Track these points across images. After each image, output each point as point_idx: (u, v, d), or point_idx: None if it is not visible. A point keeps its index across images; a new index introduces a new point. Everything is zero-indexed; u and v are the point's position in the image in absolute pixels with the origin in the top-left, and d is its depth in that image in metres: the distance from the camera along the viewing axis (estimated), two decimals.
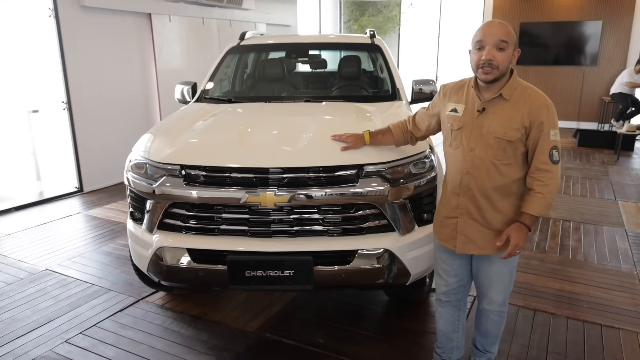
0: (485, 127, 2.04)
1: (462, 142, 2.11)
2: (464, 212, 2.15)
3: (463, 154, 2.10)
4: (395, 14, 11.40)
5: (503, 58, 1.93)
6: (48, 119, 5.69)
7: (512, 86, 2.02)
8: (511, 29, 1.95)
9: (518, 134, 1.99)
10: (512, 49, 1.95)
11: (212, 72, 3.92)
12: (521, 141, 2.01)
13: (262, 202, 2.36)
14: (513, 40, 1.95)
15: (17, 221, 4.98)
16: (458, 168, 2.14)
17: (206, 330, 2.99)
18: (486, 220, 2.12)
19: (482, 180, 2.07)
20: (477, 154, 2.06)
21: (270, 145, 2.53)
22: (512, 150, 2.02)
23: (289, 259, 2.40)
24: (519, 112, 1.99)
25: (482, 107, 2.05)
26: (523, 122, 1.99)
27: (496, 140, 2.01)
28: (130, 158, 2.73)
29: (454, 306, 2.41)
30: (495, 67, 1.93)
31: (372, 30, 4.23)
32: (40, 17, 5.43)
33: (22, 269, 3.85)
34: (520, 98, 2.01)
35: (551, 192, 1.99)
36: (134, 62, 6.55)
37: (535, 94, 2.03)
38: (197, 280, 2.52)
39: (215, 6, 7.60)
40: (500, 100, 2.03)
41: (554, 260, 3.99)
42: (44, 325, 3.05)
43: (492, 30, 1.93)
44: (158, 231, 2.58)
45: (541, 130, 1.98)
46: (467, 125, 2.09)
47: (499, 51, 1.92)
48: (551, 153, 1.98)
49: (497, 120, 2.02)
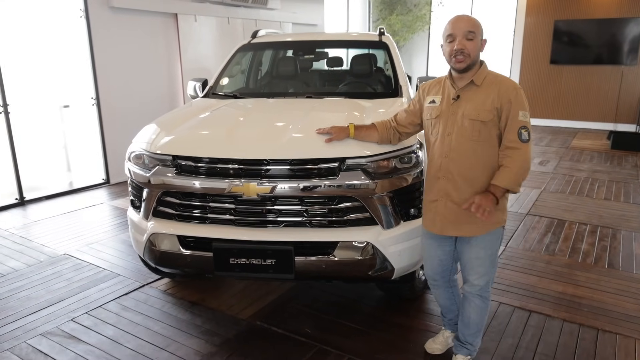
0: (459, 113, 2.21)
1: (440, 128, 2.28)
2: (443, 195, 2.28)
3: (441, 139, 2.26)
4: (424, 12, 11.28)
5: (473, 46, 2.14)
6: (78, 114, 6.00)
7: (482, 74, 2.21)
8: (477, 21, 2.17)
9: (490, 115, 2.15)
10: (479, 38, 2.16)
11: (221, 69, 4.05)
12: (494, 123, 2.16)
13: (245, 193, 2.45)
14: (480, 30, 2.16)
15: (46, 209, 5.29)
16: (437, 153, 2.29)
17: (201, 315, 3.11)
18: (464, 201, 2.21)
19: (460, 161, 2.22)
20: (455, 138, 2.22)
21: (256, 138, 2.62)
22: (487, 131, 2.17)
23: (270, 248, 2.49)
24: (489, 95, 2.16)
25: (457, 94, 2.23)
26: (494, 104, 2.15)
27: (470, 123, 2.17)
28: (130, 149, 2.88)
29: (445, 287, 2.55)
30: (467, 55, 2.13)
31: (382, 28, 4.26)
32: (72, 18, 5.74)
33: (44, 253, 4.10)
34: (490, 83, 2.19)
35: (519, 167, 2.11)
36: (160, 60, 6.81)
37: (505, 80, 2.21)
38: (186, 265, 2.65)
39: (240, 6, 7.78)
40: (472, 86, 2.21)
41: (562, 263, 3.90)
42: (55, 305, 3.25)
43: (460, 24, 2.14)
44: (153, 218, 2.72)
45: (510, 111, 2.13)
46: (444, 113, 2.26)
47: (468, 41, 2.13)
48: (519, 132, 2.12)
49: (470, 104, 2.19)
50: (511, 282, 3.56)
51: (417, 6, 11.47)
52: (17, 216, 5.07)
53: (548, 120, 10.67)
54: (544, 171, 6.88)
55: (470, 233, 2.27)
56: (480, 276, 2.33)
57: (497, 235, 2.31)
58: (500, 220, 2.28)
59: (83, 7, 5.77)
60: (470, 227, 2.26)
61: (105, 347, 2.78)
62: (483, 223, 2.23)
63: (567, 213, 5.10)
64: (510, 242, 4.31)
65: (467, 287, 2.39)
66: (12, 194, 5.38)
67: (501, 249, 4.14)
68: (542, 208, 5.27)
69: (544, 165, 7.20)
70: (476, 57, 2.15)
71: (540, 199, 5.58)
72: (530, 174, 6.60)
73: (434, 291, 2.61)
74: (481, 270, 2.32)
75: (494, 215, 2.20)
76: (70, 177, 6.09)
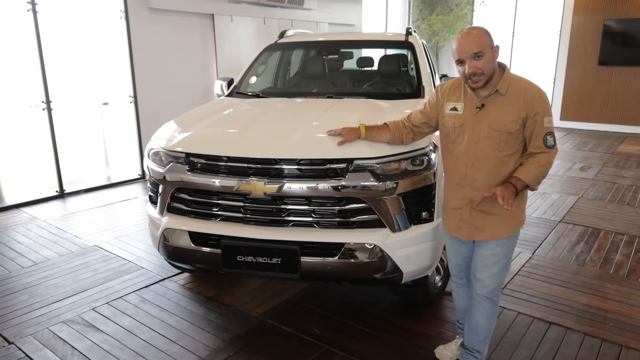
0: (485, 122, 2.17)
1: (465, 137, 2.23)
2: (468, 203, 2.27)
3: (467, 148, 2.23)
4: (466, 12, 11.02)
5: (484, 64, 2.08)
6: (117, 111, 6.25)
7: (506, 81, 2.15)
8: (482, 35, 2.10)
9: (516, 125, 2.12)
10: (489, 52, 2.09)
11: (247, 68, 4.11)
12: (520, 131, 2.15)
13: (253, 191, 2.48)
14: (487, 44, 2.09)
15: (83, 202, 5.54)
16: (462, 161, 2.25)
17: (215, 311, 3.17)
18: (488, 207, 2.23)
19: (486, 171, 2.20)
20: (480, 147, 2.19)
21: (266, 138, 2.64)
22: (513, 140, 2.16)
23: (277, 247, 2.50)
24: (515, 104, 2.12)
25: (481, 103, 2.18)
26: (520, 114, 2.12)
27: (497, 133, 2.15)
28: (149, 146, 2.97)
29: (468, 286, 2.51)
30: (480, 74, 2.09)
31: (409, 28, 4.20)
32: (112, 18, 5.97)
33: (75, 244, 4.30)
34: (515, 91, 2.14)
35: (541, 166, 2.12)
36: (196, 60, 6.98)
37: (529, 86, 2.15)
38: (196, 261, 2.71)
39: (276, 6, 7.87)
40: (497, 95, 2.16)
41: (591, 273, 3.73)
42: (79, 294, 3.40)
43: (465, 47, 2.08)
44: (167, 214, 2.80)
45: (536, 120, 2.11)
46: (469, 122, 2.22)
47: (477, 60, 2.07)
48: (545, 139, 2.12)
49: (496, 114, 2.15)
50: (533, 291, 3.43)
51: (459, 5, 11.23)
52: (57, 208, 5.33)
53: (594, 125, 10.20)
54: (583, 177, 6.58)
55: (498, 235, 2.25)
56: (493, 276, 2.29)
57: (516, 233, 2.30)
58: (522, 219, 2.29)
59: (123, 8, 5.99)
60: (498, 229, 2.25)
61: (120, 337, 2.88)
62: (509, 224, 2.24)
63: (604, 222, 4.86)
64: (538, 250, 4.15)
65: (478, 288, 2.34)
66: (53, 186, 5.67)
67: (526, 257, 3.99)
68: (577, 216, 5.04)
69: (584, 172, 6.89)
70: (491, 71, 2.10)
71: (576, 206, 5.34)
72: (568, 180, 6.38)
73: (455, 291, 2.57)
74: (495, 269, 2.29)
75: (516, 208, 2.21)
76: (108, 172, 6.34)
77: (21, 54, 5.20)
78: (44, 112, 5.45)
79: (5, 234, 4.51)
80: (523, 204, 2.30)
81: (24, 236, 4.46)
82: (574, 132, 10.09)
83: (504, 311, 3.16)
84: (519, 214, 2.27)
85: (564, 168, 7.10)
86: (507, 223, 2.24)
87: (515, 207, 2.19)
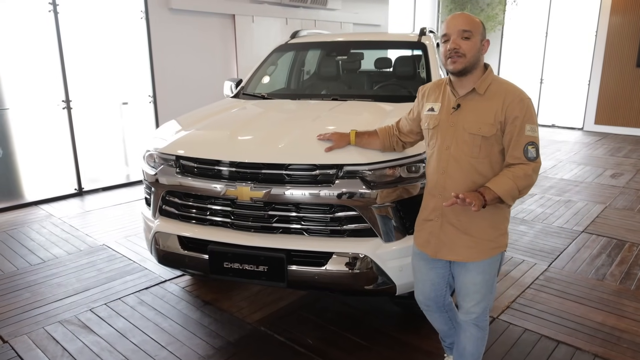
0: (460, 124, 1.98)
1: (438, 140, 2.05)
2: (439, 215, 2.06)
3: (439, 153, 2.04)
4: (497, 12, 10.68)
5: (469, 46, 1.90)
6: (136, 111, 6.32)
7: (486, 81, 1.97)
8: (476, 19, 1.94)
9: (493, 129, 1.92)
10: (478, 38, 1.92)
11: (255, 69, 4.06)
12: (496, 138, 1.93)
13: (239, 196, 2.42)
14: (479, 30, 1.92)
15: (100, 200, 5.63)
16: (434, 167, 2.07)
17: (210, 316, 3.13)
18: (462, 223, 2.02)
19: (458, 179, 1.99)
20: (453, 152, 1.99)
21: (255, 141, 2.58)
22: (488, 147, 1.94)
23: (263, 254, 2.43)
24: (493, 107, 1.92)
25: (457, 103, 2.00)
26: (497, 117, 1.91)
27: (471, 137, 1.95)
28: (145, 148, 2.95)
29: (439, 312, 2.32)
30: (462, 55, 1.90)
31: (424, 28, 4.06)
32: (133, 19, 6.05)
33: (85, 242, 4.35)
34: (494, 93, 1.95)
35: (517, 177, 1.86)
36: (216, 60, 7.00)
37: (511, 88, 1.95)
38: (185, 266, 2.67)
39: (299, 7, 7.81)
40: (474, 95, 1.97)
41: (610, 289, 3.50)
42: (80, 293, 3.42)
43: (455, 22, 1.92)
44: (159, 217, 2.77)
45: (515, 125, 1.89)
46: (443, 123, 2.04)
47: (463, 40, 1.90)
48: (526, 149, 1.88)
49: (471, 116, 1.96)
50: (544, 306, 3.24)
51: (490, 5, 10.90)
52: (74, 205, 5.43)
53: (631, 129, 9.71)
54: (613, 185, 6.25)
55: (468, 258, 2.03)
56: (477, 303, 2.10)
57: (496, 259, 2.08)
58: (501, 245, 2.05)
59: (144, 8, 6.06)
60: (469, 251, 2.03)
61: (112, 340, 2.87)
62: (481, 248, 2.01)
63: (631, 233, 4.58)
64: (555, 262, 3.93)
65: (463, 315, 2.16)
66: (72, 184, 5.78)
67: (541, 269, 3.79)
68: (602, 226, 4.77)
69: (615, 179, 6.54)
70: (473, 59, 1.91)
71: (602, 216, 5.06)
72: (597, 187, 6.06)
73: (428, 316, 2.37)
74: (477, 296, 2.09)
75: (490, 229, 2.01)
76: (128, 171, 6.43)
77: (42, 54, 5.32)
78: (64, 111, 5.56)
79: (20, 231, 4.61)
80: (501, 225, 2.03)
81: (38, 233, 4.55)
82: (608, 136, 9.64)
83: (509, 327, 3.00)
84: (495, 237, 2.02)
85: (594, 175, 6.76)
86: (480, 246, 2.00)
87: (489, 227, 1.98)
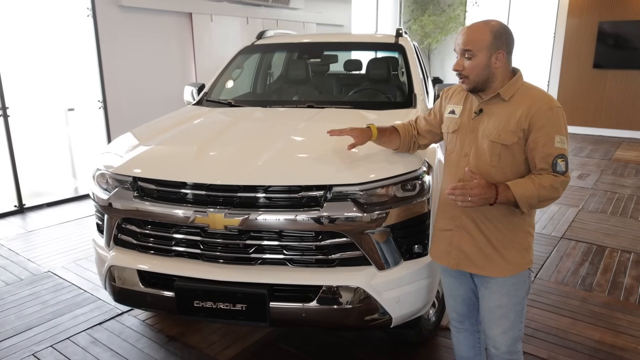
0: (480, 130, 1.83)
1: (457, 146, 1.91)
2: (459, 225, 1.90)
3: (457, 160, 1.90)
4: (459, 13, 10.69)
5: (471, 67, 1.75)
6: (84, 118, 5.77)
7: (513, 86, 1.79)
8: (482, 33, 1.72)
9: (514, 137, 1.74)
10: (484, 55, 1.73)
11: (219, 73, 3.69)
12: (519, 146, 1.76)
13: (211, 224, 2.06)
14: (483, 45, 1.73)
15: (44, 218, 5.07)
16: (452, 174, 1.93)
17: (176, 354, 2.74)
18: (483, 234, 1.84)
19: None
20: (471, 160, 1.84)
21: (228, 159, 2.22)
22: (509, 156, 1.77)
23: (241, 290, 2.08)
24: (516, 113, 1.75)
25: (479, 108, 1.84)
26: (521, 124, 1.73)
27: (490, 144, 1.79)
28: (95, 166, 2.53)
29: (471, 331, 2.11)
30: (465, 77, 1.77)
31: (400, 29, 3.81)
32: (78, 17, 5.50)
33: (27, 269, 3.84)
34: (521, 99, 1.77)
35: (542, 187, 1.67)
36: (172, 62, 6.53)
37: (540, 95, 1.77)
38: (147, 304, 2.28)
39: (260, 5, 7.44)
40: (498, 100, 1.81)
41: (600, 301, 3.36)
42: (21, 334, 2.95)
43: (459, 39, 1.77)
44: (115, 247, 2.36)
45: (541, 135, 1.71)
46: (463, 128, 1.90)
47: (467, 59, 1.76)
48: (555, 162, 1.69)
49: (492, 122, 1.80)
50: (539, 324, 3.05)
51: (451, 6, 10.89)
52: (14, 225, 4.85)
53: (589, 129, 9.89)
54: (582, 186, 6.24)
55: (490, 273, 1.85)
56: (504, 332, 1.87)
57: (523, 279, 1.86)
58: (526, 262, 1.85)
59: (90, 5, 5.53)
60: (491, 266, 1.84)
61: None
62: (506, 264, 1.82)
63: (608, 238, 4.50)
64: (540, 273, 3.77)
65: (491, 347, 1.94)
66: (12, 200, 5.19)
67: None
68: (580, 231, 4.68)
69: (583, 180, 6.55)
70: (478, 78, 1.75)
71: (577, 220, 4.99)
72: (567, 189, 6.01)
73: (455, 337, 2.16)
74: (504, 323, 1.86)
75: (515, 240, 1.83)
76: (75, 183, 5.87)
77: None
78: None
79: None
80: (524, 240, 1.84)
81: None
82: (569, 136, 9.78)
83: None
84: (519, 252, 1.82)
85: None
86: (503, 260, 1.82)
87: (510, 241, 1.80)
